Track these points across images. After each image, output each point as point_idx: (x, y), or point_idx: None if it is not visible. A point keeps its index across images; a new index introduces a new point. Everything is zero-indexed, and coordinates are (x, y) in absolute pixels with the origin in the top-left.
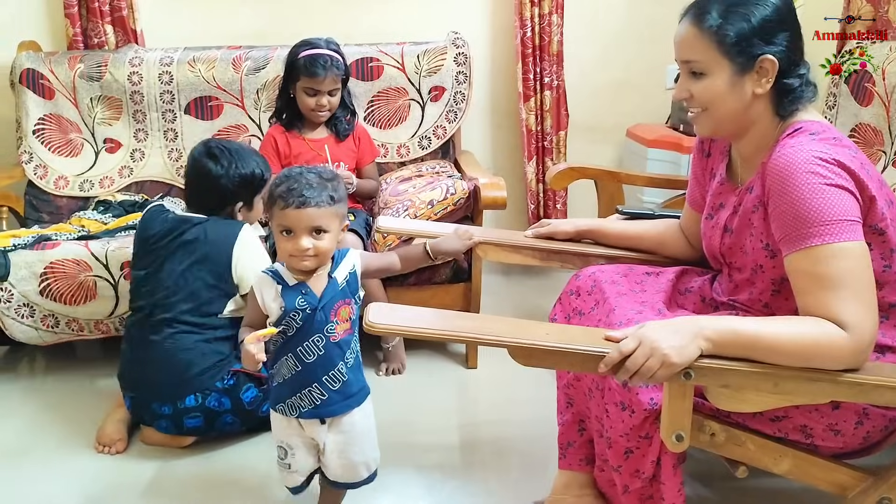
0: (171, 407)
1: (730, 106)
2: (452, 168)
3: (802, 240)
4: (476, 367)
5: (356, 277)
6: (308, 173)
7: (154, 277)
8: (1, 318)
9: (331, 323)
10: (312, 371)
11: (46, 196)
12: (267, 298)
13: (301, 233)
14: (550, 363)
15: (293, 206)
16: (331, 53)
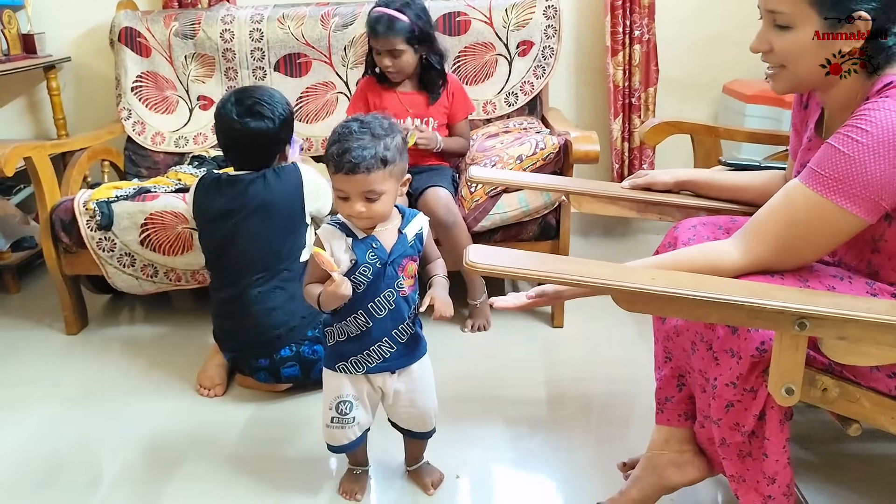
0: (268, 360)
1: (813, 64)
2: (540, 124)
3: (825, 187)
4: (562, 325)
5: (422, 239)
6: (360, 130)
7: (230, 247)
8: (104, 267)
9: (399, 278)
10: (383, 326)
11: (144, 151)
12: (337, 250)
13: (355, 198)
14: (655, 309)
15: (343, 172)
16: (391, 13)
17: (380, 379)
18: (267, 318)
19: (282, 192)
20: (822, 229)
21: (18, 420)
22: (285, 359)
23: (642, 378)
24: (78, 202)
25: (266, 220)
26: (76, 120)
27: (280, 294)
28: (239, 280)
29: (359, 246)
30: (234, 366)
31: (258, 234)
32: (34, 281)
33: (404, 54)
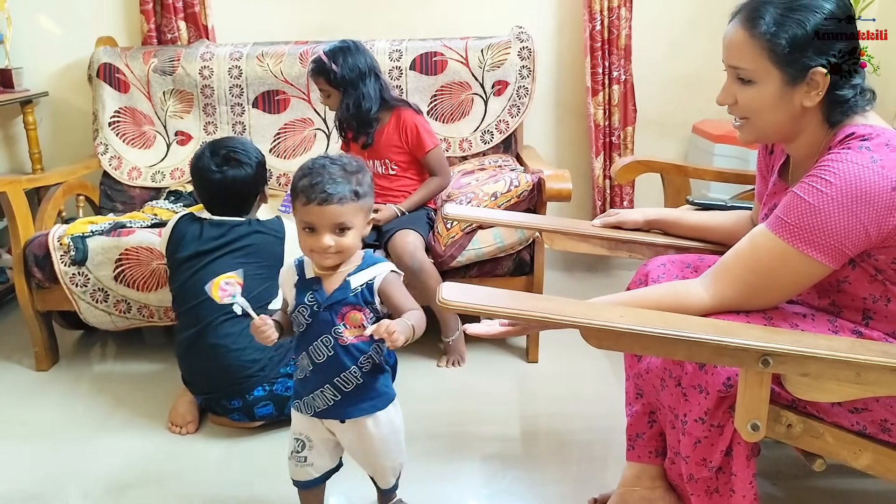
0: (241, 400)
1: (776, 117)
2: (515, 162)
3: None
4: (537, 360)
5: (372, 290)
6: (331, 165)
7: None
8: (77, 303)
9: (337, 325)
10: (323, 372)
11: (120, 186)
12: (286, 287)
13: (323, 230)
14: (623, 346)
15: (315, 203)
16: (320, 55)
17: (329, 424)
18: (237, 358)
19: (264, 239)
20: (787, 275)
21: None
22: (259, 398)
23: (615, 413)
24: (52, 237)
25: (244, 261)
26: (52, 154)
27: (245, 334)
28: (208, 317)
29: (301, 287)
30: (205, 406)
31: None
32: (4, 316)
33: (331, 96)
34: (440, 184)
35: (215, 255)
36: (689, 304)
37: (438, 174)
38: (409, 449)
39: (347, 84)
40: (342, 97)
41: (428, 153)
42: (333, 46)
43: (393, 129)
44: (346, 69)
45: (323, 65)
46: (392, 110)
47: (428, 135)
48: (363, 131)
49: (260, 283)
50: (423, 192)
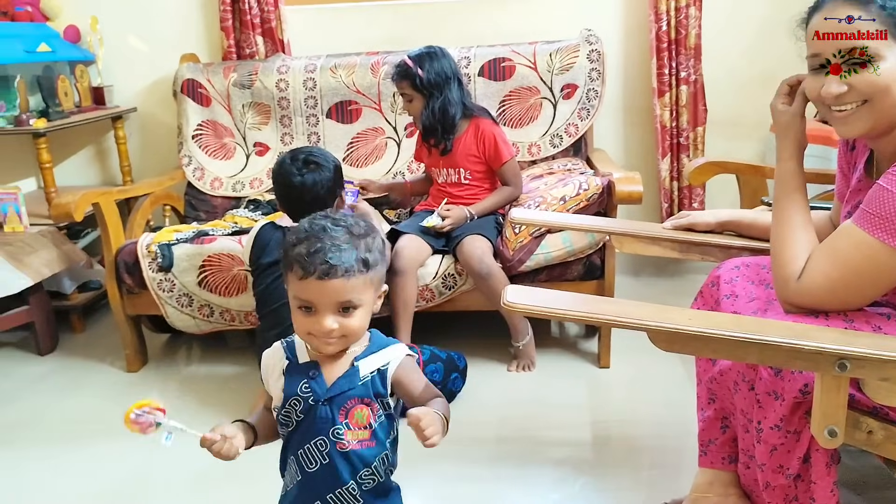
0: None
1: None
2: (584, 165)
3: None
4: (608, 366)
5: (385, 378)
6: (334, 228)
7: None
8: (164, 307)
9: (338, 425)
10: (314, 485)
11: (203, 196)
12: (270, 375)
13: (325, 310)
14: (693, 349)
15: (315, 276)
16: (405, 60)
17: None
18: None
19: None
20: (872, 271)
21: (80, 454)
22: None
23: (688, 420)
24: (141, 245)
25: None
26: (140, 167)
27: None
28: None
29: (293, 373)
30: None
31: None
32: (98, 321)
33: (413, 100)
34: (512, 193)
35: None
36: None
37: (511, 185)
38: (478, 452)
39: (433, 88)
40: (426, 102)
41: (504, 164)
42: (419, 51)
43: (471, 138)
44: (433, 73)
45: (408, 69)
46: (471, 119)
47: (505, 146)
48: (445, 137)
49: None
50: (495, 199)
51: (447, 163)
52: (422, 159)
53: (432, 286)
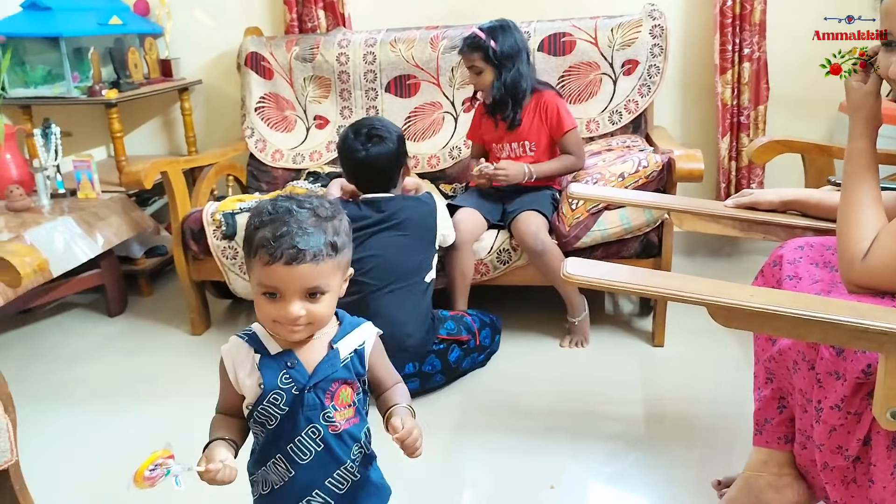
0: (413, 365)
1: None
2: (644, 142)
3: None
4: (663, 345)
5: (363, 358)
6: (299, 210)
7: (363, 259)
8: (227, 274)
9: (327, 409)
10: (310, 475)
11: (265, 167)
12: (241, 372)
13: (292, 296)
14: (753, 326)
15: (282, 262)
16: (475, 31)
17: None
18: (396, 330)
19: (418, 213)
20: None
21: (146, 411)
22: (408, 375)
23: (743, 401)
24: (206, 213)
25: (402, 235)
26: (204, 138)
27: (409, 307)
28: (369, 289)
29: (269, 365)
30: None
31: (394, 245)
32: (164, 285)
33: (483, 73)
34: (575, 163)
35: (374, 230)
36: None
37: (574, 155)
38: (531, 424)
39: (505, 60)
40: (498, 75)
41: (566, 133)
42: (491, 24)
43: (534, 111)
44: (506, 46)
45: (479, 41)
46: (534, 92)
47: (567, 115)
48: (515, 111)
49: (416, 254)
50: (557, 165)
51: (512, 137)
52: (477, 138)
53: (487, 261)
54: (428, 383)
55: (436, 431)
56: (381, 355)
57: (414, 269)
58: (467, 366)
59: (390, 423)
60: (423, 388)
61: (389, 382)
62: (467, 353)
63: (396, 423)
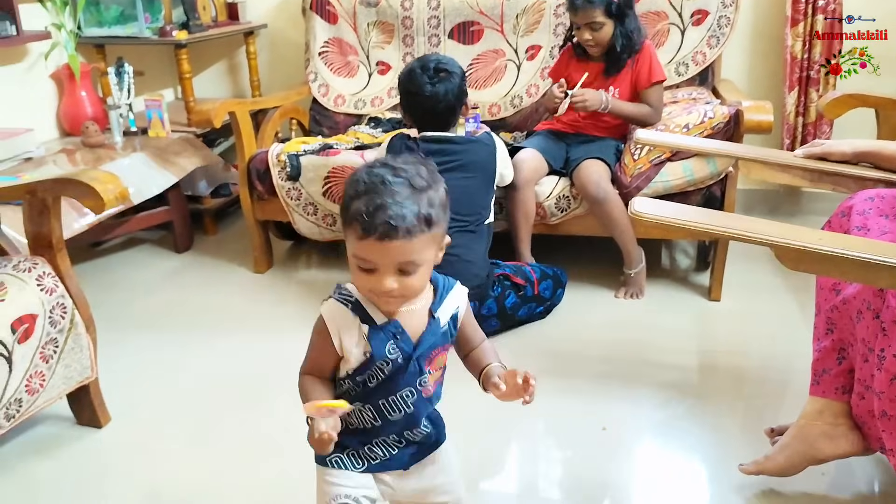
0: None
1: None
2: (710, 95)
3: None
4: (719, 299)
5: (457, 320)
6: (394, 180)
7: None
8: (291, 214)
9: (424, 374)
10: (392, 427)
11: (327, 112)
12: (347, 341)
13: (385, 270)
14: (821, 269)
15: (374, 237)
16: None
17: (385, 475)
18: (464, 269)
19: (479, 154)
20: None
21: (213, 341)
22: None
23: (798, 355)
24: (271, 154)
25: (465, 176)
26: (268, 82)
27: (474, 247)
28: None
29: (377, 336)
30: None
31: (457, 186)
32: (228, 225)
33: (604, 27)
34: (651, 115)
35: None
36: None
37: (653, 108)
38: (584, 369)
39: (624, 14)
40: (617, 27)
41: (653, 85)
42: None
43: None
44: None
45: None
46: None
47: (658, 67)
48: (623, 61)
49: (478, 195)
50: (634, 109)
51: (600, 83)
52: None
53: (546, 205)
54: (483, 326)
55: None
56: (470, 314)
57: (477, 209)
58: (524, 314)
59: (491, 383)
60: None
61: (477, 340)
62: (524, 301)
63: (499, 383)
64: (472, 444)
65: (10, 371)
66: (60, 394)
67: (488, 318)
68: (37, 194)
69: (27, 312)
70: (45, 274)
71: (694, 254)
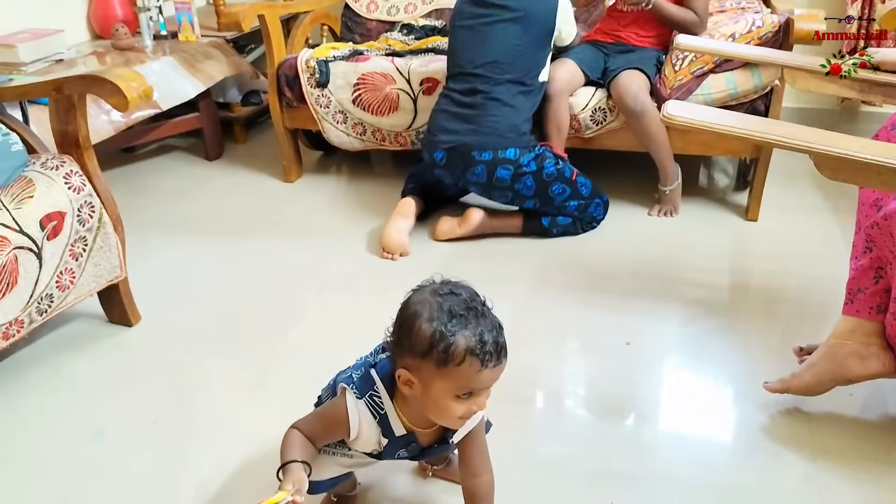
0: (492, 153)
1: None
2: (760, 4)
3: None
4: (757, 219)
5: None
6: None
7: (483, 44)
8: (321, 122)
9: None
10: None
11: (359, 18)
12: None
13: (486, 392)
14: (861, 178)
15: (492, 364)
16: None
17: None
18: (507, 111)
19: (541, 9)
20: None
21: (240, 249)
22: (506, 160)
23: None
24: (301, 60)
25: (523, 29)
26: None
27: (521, 99)
28: (483, 83)
29: (393, 444)
30: (448, 165)
31: (514, 38)
32: (258, 134)
33: None
34: (694, 21)
35: (494, 19)
36: None
37: (698, 15)
38: (611, 285)
39: None
40: None
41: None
42: None
43: None
44: None
45: None
46: None
47: None
48: None
49: (534, 50)
50: (679, 11)
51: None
52: None
53: (580, 117)
54: (519, 183)
55: (515, 283)
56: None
57: (529, 66)
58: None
59: None
60: (512, 185)
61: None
62: (560, 179)
63: None
64: None
65: (41, 267)
66: (91, 291)
67: (526, 175)
68: (63, 91)
69: (55, 210)
70: (73, 172)
71: (733, 173)
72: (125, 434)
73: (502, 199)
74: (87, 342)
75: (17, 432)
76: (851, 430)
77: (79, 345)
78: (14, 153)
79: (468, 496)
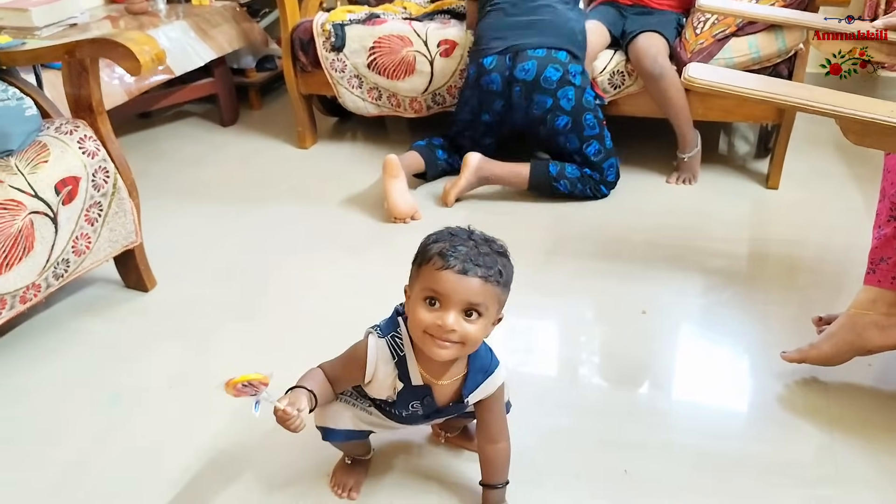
0: (545, 51)
1: None
2: None
3: None
4: (777, 187)
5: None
6: (481, 240)
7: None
8: (336, 87)
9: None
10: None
11: None
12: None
13: (452, 306)
14: (888, 144)
15: (454, 269)
16: None
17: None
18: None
19: None
20: None
21: (255, 215)
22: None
23: (855, 246)
24: (316, 23)
25: None
26: None
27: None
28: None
29: (406, 393)
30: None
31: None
32: (273, 100)
33: None
34: None
35: None
36: None
37: None
38: (628, 253)
39: None
40: None
41: None
42: None
43: None
44: None
45: None
46: None
47: None
48: None
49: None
50: None
51: None
52: None
53: (598, 80)
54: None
55: (529, 251)
56: (500, 402)
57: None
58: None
59: None
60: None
61: (496, 437)
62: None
63: None
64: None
65: (56, 232)
66: (107, 256)
67: (562, 113)
68: (75, 55)
69: (70, 175)
70: (87, 137)
71: (754, 140)
72: (141, 398)
73: (540, 107)
74: (104, 307)
75: (34, 394)
76: (869, 401)
77: (96, 310)
78: (28, 118)
79: (485, 462)
